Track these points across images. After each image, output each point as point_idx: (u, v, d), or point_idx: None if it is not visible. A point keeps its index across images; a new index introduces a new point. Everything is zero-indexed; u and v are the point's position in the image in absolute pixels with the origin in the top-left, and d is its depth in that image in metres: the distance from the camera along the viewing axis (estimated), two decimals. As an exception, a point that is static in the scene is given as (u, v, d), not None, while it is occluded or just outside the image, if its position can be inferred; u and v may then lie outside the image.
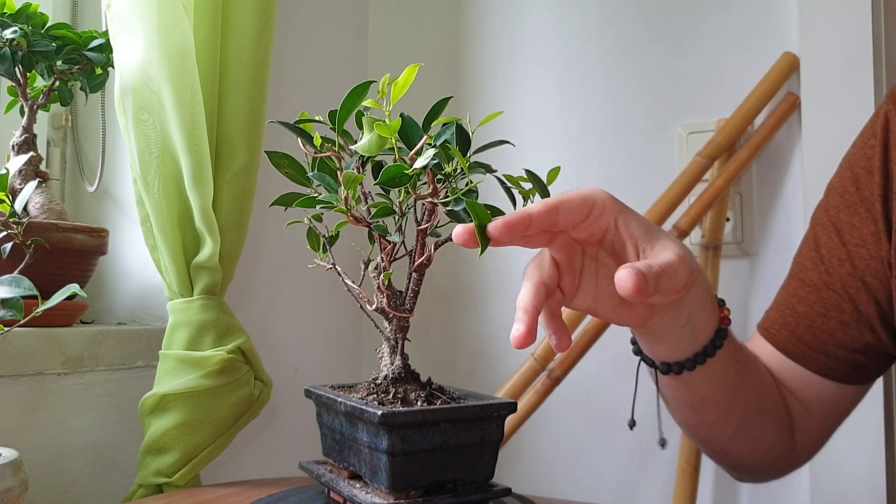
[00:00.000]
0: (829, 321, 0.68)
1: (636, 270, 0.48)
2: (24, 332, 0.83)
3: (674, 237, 0.56)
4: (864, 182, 0.68)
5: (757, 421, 0.68)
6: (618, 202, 0.54)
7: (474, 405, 0.57)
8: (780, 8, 1.11)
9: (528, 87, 1.30)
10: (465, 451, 0.57)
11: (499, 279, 1.31)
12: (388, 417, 0.52)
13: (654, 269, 0.49)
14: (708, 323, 0.60)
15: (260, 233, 1.15)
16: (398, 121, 0.52)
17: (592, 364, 1.07)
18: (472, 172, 0.53)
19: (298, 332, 1.25)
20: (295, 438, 1.22)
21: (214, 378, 0.86)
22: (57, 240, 0.87)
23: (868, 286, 0.67)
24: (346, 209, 0.54)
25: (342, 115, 0.54)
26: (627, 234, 0.54)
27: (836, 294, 0.68)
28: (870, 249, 0.66)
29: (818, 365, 0.69)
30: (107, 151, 1.07)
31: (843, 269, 0.68)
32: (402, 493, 0.55)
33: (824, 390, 0.70)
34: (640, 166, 1.20)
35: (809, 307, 0.70)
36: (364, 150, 0.52)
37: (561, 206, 0.51)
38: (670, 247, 0.53)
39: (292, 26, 1.24)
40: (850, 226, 0.68)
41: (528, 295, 0.53)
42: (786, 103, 1.09)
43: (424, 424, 0.54)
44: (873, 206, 0.66)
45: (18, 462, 0.57)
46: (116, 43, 0.89)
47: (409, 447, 0.54)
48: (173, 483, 0.86)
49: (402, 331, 0.60)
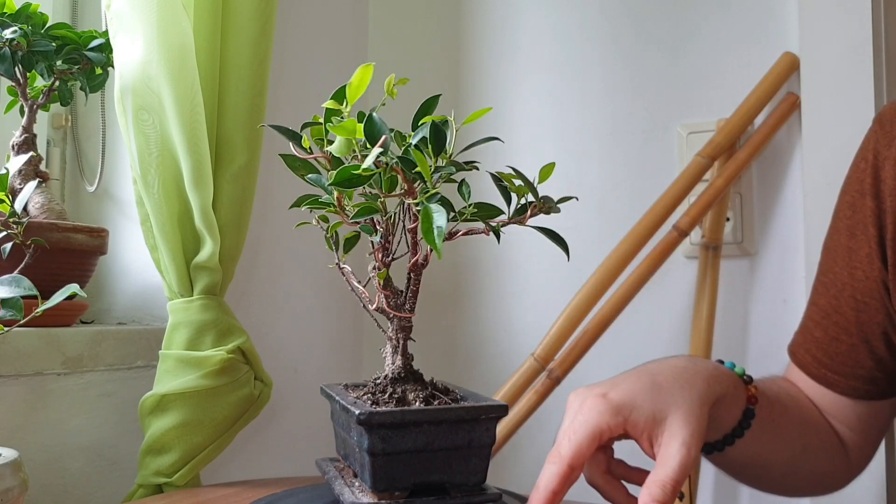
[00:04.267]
0: (841, 344, 0.70)
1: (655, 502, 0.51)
2: (23, 332, 0.83)
3: (680, 389, 0.57)
4: (858, 205, 0.70)
5: (802, 462, 0.70)
6: (618, 411, 0.56)
7: (458, 407, 0.56)
8: (780, 8, 1.11)
9: (527, 88, 1.30)
10: (451, 453, 0.56)
11: (499, 279, 1.31)
12: (366, 417, 0.52)
13: (668, 487, 0.52)
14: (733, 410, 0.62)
15: (260, 233, 1.15)
16: (352, 121, 0.52)
17: (592, 364, 1.07)
18: (446, 171, 0.53)
19: (298, 332, 1.25)
20: (295, 438, 1.22)
21: (214, 378, 0.86)
22: (57, 240, 0.87)
23: (868, 307, 0.68)
24: (339, 209, 0.55)
25: (326, 118, 0.55)
26: (637, 433, 0.56)
27: (843, 318, 0.70)
28: (865, 271, 0.68)
29: (841, 387, 0.71)
30: (107, 151, 1.07)
31: (846, 293, 0.69)
32: (385, 493, 0.55)
33: (859, 409, 0.72)
34: (640, 166, 1.20)
35: (824, 332, 0.71)
36: (336, 152, 0.53)
37: (576, 462, 0.54)
38: (677, 431, 0.55)
39: (292, 26, 1.24)
40: (849, 249, 0.70)
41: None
42: (786, 103, 1.09)
43: (405, 425, 0.54)
44: (867, 230, 0.68)
45: (18, 462, 0.57)
46: (116, 43, 0.89)
47: (390, 448, 0.54)
48: (173, 483, 0.86)
49: (404, 331, 0.60)
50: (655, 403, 0.56)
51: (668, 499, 0.51)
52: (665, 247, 1.05)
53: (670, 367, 0.60)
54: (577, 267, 1.11)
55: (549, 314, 1.06)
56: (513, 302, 1.29)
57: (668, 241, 1.05)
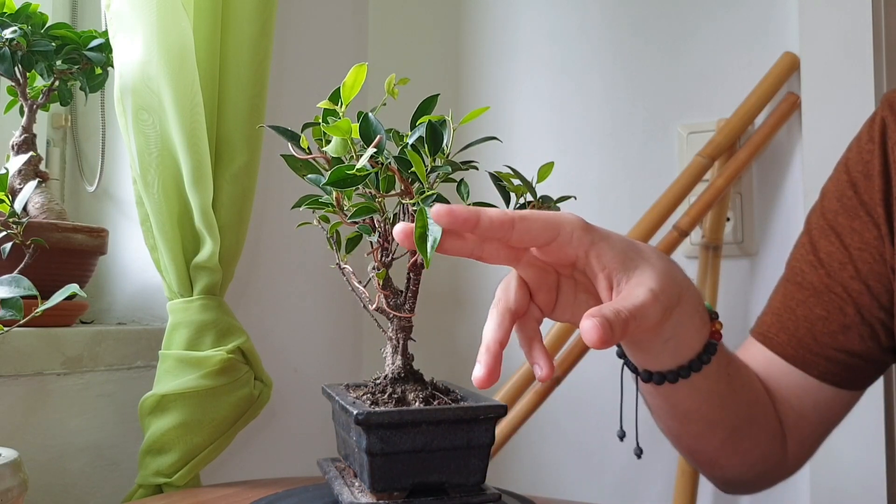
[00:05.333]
0: (831, 324, 0.68)
1: (601, 319, 0.45)
2: (23, 332, 0.83)
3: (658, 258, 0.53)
4: (863, 187, 0.68)
5: (746, 433, 0.67)
6: (590, 231, 0.51)
7: (457, 408, 0.56)
8: (780, 8, 1.11)
9: (527, 88, 1.30)
10: (450, 453, 0.56)
11: (499, 279, 1.30)
12: (365, 417, 0.52)
13: (622, 316, 0.46)
14: (695, 338, 0.58)
15: (260, 233, 1.15)
16: (346, 121, 0.52)
17: (592, 365, 1.07)
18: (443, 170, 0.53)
19: (298, 332, 1.25)
20: (295, 438, 1.22)
21: (214, 378, 0.86)
22: (57, 240, 0.87)
23: (871, 289, 0.67)
24: (338, 209, 0.55)
25: (323, 119, 0.55)
26: (600, 266, 0.51)
27: (837, 297, 0.68)
28: (872, 253, 0.67)
29: (818, 369, 0.69)
30: (106, 151, 1.07)
31: (845, 272, 0.68)
32: (384, 493, 0.55)
33: (821, 396, 0.70)
34: (640, 166, 1.20)
35: (810, 310, 0.69)
36: (332, 152, 0.54)
37: (519, 222, 0.48)
38: (646, 280, 0.50)
39: (292, 26, 1.24)
40: (849, 229, 0.68)
41: (490, 329, 0.50)
42: (786, 103, 1.09)
43: (403, 426, 0.54)
44: (875, 210, 0.67)
45: (18, 462, 0.57)
46: (116, 43, 0.89)
47: (389, 448, 0.54)
48: (173, 483, 0.86)
49: (404, 331, 0.60)
50: (629, 251, 0.52)
51: (617, 321, 0.45)
52: (665, 247, 1.05)
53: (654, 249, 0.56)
54: (577, 267, 1.10)
55: (549, 314, 1.06)
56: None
57: (669, 241, 1.05)
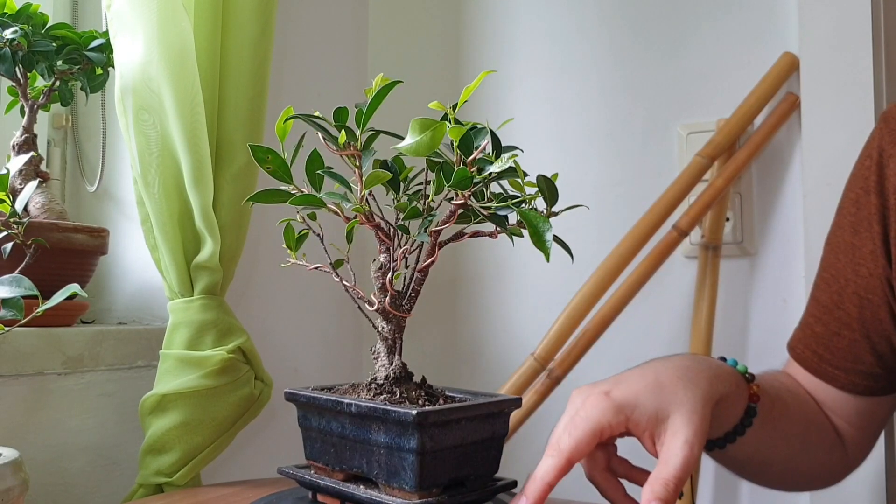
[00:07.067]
0: (842, 339, 0.71)
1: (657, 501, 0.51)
2: (24, 332, 0.83)
3: (685, 390, 0.57)
4: (863, 202, 0.70)
5: (801, 458, 0.71)
6: (620, 409, 0.56)
7: (489, 402, 0.58)
8: (780, 8, 1.11)
9: (526, 88, 1.30)
10: (478, 446, 0.58)
11: (499, 279, 1.31)
12: (422, 417, 0.52)
13: (671, 487, 0.52)
14: (735, 408, 0.63)
15: (260, 233, 1.15)
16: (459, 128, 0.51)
17: (592, 364, 1.07)
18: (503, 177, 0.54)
19: (298, 332, 1.25)
20: (295, 438, 1.21)
21: (215, 378, 0.86)
22: (57, 240, 0.87)
23: (871, 303, 0.69)
24: (363, 208, 0.54)
25: (369, 113, 0.54)
26: (639, 431, 0.56)
27: (845, 313, 0.70)
28: (869, 267, 0.69)
29: (840, 382, 0.71)
30: (107, 151, 1.07)
31: (850, 289, 0.70)
32: (426, 491, 0.54)
33: (856, 404, 0.72)
34: (640, 166, 1.20)
35: (825, 327, 0.72)
36: (410, 151, 0.52)
37: (574, 457, 0.54)
38: (680, 429, 0.55)
39: (292, 26, 1.24)
40: (853, 246, 0.70)
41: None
42: (786, 103, 1.09)
43: (450, 422, 0.55)
44: (871, 226, 0.69)
45: (18, 462, 0.57)
46: (116, 43, 0.89)
47: (437, 445, 0.54)
48: (173, 483, 0.86)
49: (400, 331, 0.60)
50: (658, 402, 0.56)
51: (670, 497, 0.51)
52: (665, 247, 1.05)
53: (673, 366, 0.60)
54: (577, 267, 1.10)
55: (549, 314, 1.06)
56: (513, 302, 1.29)
57: (668, 241, 1.05)
